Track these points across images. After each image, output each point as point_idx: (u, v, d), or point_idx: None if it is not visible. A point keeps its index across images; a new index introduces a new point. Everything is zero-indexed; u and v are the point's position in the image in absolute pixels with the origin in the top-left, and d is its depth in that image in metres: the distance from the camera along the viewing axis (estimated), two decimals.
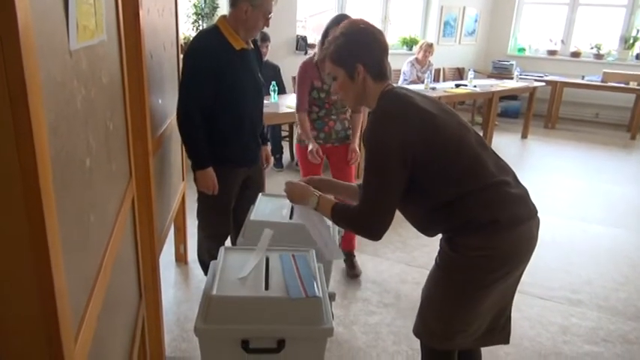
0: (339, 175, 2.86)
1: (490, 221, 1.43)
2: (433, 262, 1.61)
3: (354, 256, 3.06)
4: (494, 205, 1.45)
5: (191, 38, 4.88)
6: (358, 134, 2.90)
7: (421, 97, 1.53)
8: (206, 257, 2.45)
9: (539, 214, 1.55)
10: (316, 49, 2.73)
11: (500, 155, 1.57)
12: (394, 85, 1.56)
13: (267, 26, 2.24)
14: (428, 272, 1.65)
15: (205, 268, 2.49)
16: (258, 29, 2.22)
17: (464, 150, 1.46)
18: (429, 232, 1.61)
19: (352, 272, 2.99)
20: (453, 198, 1.45)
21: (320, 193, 1.65)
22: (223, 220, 2.43)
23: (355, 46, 1.49)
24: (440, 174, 1.45)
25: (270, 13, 2.18)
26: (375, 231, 1.48)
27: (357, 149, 2.88)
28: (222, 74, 2.13)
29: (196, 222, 2.51)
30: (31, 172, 0.65)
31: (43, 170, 0.67)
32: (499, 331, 1.62)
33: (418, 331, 1.64)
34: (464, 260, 1.48)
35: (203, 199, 2.38)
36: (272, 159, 2.79)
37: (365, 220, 1.49)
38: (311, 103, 2.80)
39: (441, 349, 1.61)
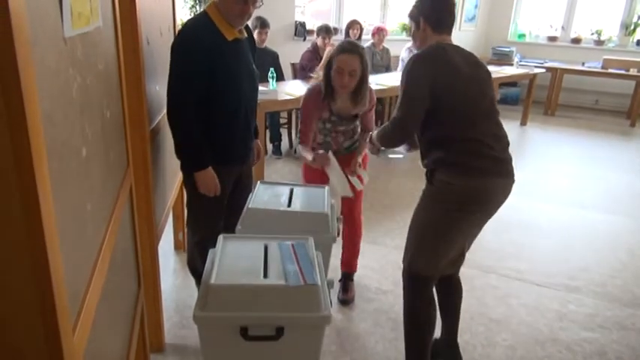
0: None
1: (458, 163, 1.81)
2: None
3: (352, 280, 2.75)
4: (467, 154, 1.81)
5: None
6: (362, 155, 2.60)
7: (460, 57, 1.89)
8: (199, 263, 2.25)
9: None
10: (322, 80, 2.40)
11: None
12: (451, 42, 1.94)
13: (247, 12, 1.98)
14: None
15: (197, 276, 2.31)
16: (235, 13, 1.97)
17: (466, 107, 1.83)
18: (423, 160, 1.96)
19: (344, 296, 2.65)
20: (443, 137, 1.84)
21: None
22: (218, 222, 2.29)
23: (420, 5, 1.94)
24: (441, 116, 1.83)
25: (253, 2, 1.96)
26: (401, 131, 1.91)
27: (358, 164, 2.54)
28: (214, 68, 1.97)
29: None
30: (27, 162, 0.64)
31: (39, 160, 0.67)
32: (458, 265, 2.07)
33: (403, 257, 2.00)
34: (434, 189, 1.88)
35: (197, 204, 2.21)
36: (262, 153, 2.63)
37: (396, 123, 1.90)
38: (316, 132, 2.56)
39: (415, 272, 1.95)
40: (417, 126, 1.87)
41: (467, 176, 1.80)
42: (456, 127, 1.82)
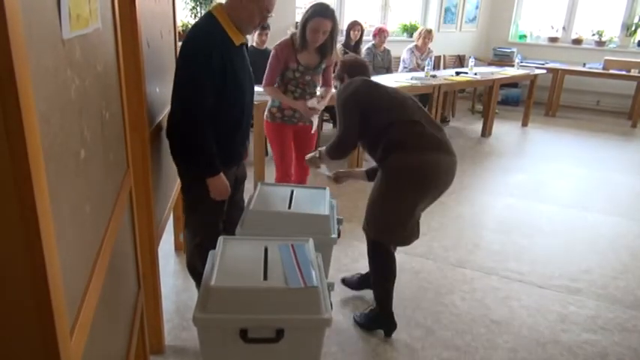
0: (299, 153, 3.14)
1: (402, 143, 2.15)
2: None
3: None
4: (407, 134, 2.17)
5: (188, 27, 4.86)
6: (327, 99, 3.16)
7: (380, 84, 2.41)
8: (199, 265, 2.16)
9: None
10: (298, 35, 2.87)
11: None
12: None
13: (263, 23, 2.15)
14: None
15: (197, 278, 2.26)
16: (252, 24, 2.06)
17: (393, 105, 2.25)
18: (374, 156, 2.30)
19: None
20: (381, 128, 2.20)
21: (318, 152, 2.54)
22: (219, 222, 2.30)
23: (343, 66, 2.50)
24: (375, 119, 2.23)
25: (267, 10, 2.04)
26: (343, 150, 2.38)
27: (323, 102, 3.15)
28: (225, 71, 1.98)
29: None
30: (23, 165, 0.64)
31: (35, 163, 0.66)
32: (415, 236, 2.31)
33: (363, 224, 2.32)
34: (385, 174, 2.19)
35: (201, 207, 2.20)
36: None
37: (338, 142, 2.34)
38: (286, 82, 2.97)
39: (375, 239, 2.28)
40: (356, 138, 2.32)
41: (413, 154, 2.13)
42: (389, 117, 2.21)
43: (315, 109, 3.05)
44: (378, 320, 2.40)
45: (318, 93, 3.14)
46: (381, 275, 2.36)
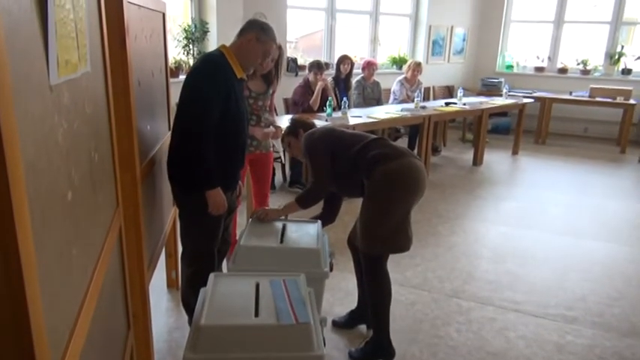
0: (259, 183, 3.31)
1: (382, 153, 2.27)
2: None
3: None
4: (381, 146, 2.32)
5: (181, 64, 4.94)
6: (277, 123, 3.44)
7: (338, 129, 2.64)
8: (192, 298, 2.12)
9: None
10: None
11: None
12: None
13: (263, 68, 2.37)
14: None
15: (191, 312, 2.27)
16: (254, 65, 2.29)
17: (358, 137, 2.42)
18: (355, 187, 2.38)
19: None
20: (356, 152, 2.32)
21: (283, 205, 2.57)
22: (214, 249, 2.35)
23: (293, 123, 2.74)
24: (345, 151, 2.37)
25: (269, 56, 2.30)
26: (318, 192, 2.46)
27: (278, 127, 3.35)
28: (229, 100, 2.17)
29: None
30: (6, 214, 0.64)
31: (19, 210, 0.67)
32: (412, 239, 2.36)
33: (360, 245, 2.35)
34: (374, 187, 2.26)
35: (195, 230, 2.29)
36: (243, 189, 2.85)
37: (313, 189, 2.45)
38: None
39: (371, 254, 2.32)
40: (330, 181, 2.42)
41: (396, 160, 2.25)
42: (359, 142, 2.35)
43: (272, 133, 3.20)
44: (378, 349, 2.37)
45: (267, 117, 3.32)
46: (382, 296, 2.37)
